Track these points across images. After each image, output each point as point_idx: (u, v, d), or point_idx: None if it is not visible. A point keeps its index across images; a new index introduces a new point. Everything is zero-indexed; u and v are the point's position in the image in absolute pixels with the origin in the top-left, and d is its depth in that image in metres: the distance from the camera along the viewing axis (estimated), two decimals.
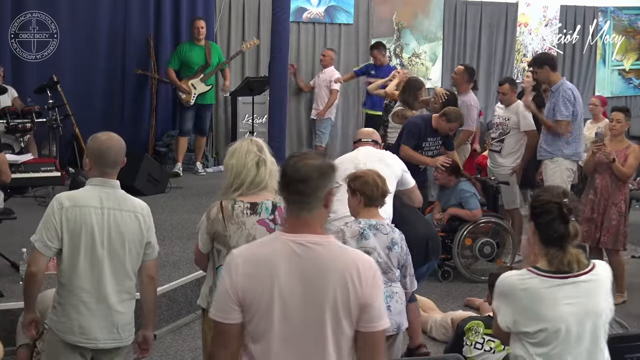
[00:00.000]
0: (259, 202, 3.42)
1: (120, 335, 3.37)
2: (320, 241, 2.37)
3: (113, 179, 3.38)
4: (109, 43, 9.38)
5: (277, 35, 7.46)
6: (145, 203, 3.50)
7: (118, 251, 3.31)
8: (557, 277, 2.68)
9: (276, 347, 2.33)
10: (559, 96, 6.42)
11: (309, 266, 2.33)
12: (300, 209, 2.37)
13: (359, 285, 2.32)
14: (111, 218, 3.31)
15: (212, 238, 3.45)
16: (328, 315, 2.32)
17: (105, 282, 3.29)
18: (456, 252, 6.64)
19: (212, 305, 2.43)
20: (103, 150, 3.33)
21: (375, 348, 2.37)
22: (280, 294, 2.32)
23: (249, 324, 2.36)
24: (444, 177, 6.74)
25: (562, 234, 2.66)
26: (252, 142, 3.50)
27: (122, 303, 3.37)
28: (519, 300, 2.69)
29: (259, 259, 2.36)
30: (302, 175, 2.34)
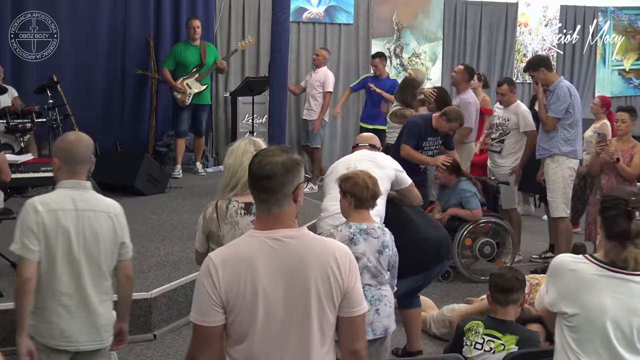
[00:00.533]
0: (253, 202, 3.42)
1: (100, 337, 3.36)
2: (294, 234, 2.41)
3: (83, 180, 3.36)
4: (109, 43, 9.39)
5: (277, 35, 7.45)
6: (118, 204, 3.47)
7: (94, 252, 3.29)
8: (608, 268, 2.73)
9: (261, 344, 2.37)
10: (554, 94, 6.45)
11: (287, 260, 2.37)
12: (271, 206, 2.40)
13: (339, 274, 2.39)
14: (85, 219, 3.28)
15: (208, 237, 3.47)
16: (312, 306, 2.37)
17: (85, 284, 3.27)
18: (456, 252, 6.63)
19: (192, 309, 2.41)
20: (72, 149, 3.31)
21: (357, 331, 2.46)
22: (262, 291, 2.35)
23: (232, 324, 2.38)
24: (444, 176, 6.74)
25: (623, 230, 2.72)
26: (250, 142, 3.51)
27: (102, 304, 3.34)
28: (566, 280, 2.77)
29: (237, 259, 2.37)
30: (267, 173, 2.37)
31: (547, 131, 6.47)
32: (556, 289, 2.81)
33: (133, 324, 5.11)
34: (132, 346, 5.04)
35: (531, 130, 7.06)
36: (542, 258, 7.24)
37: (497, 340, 4.12)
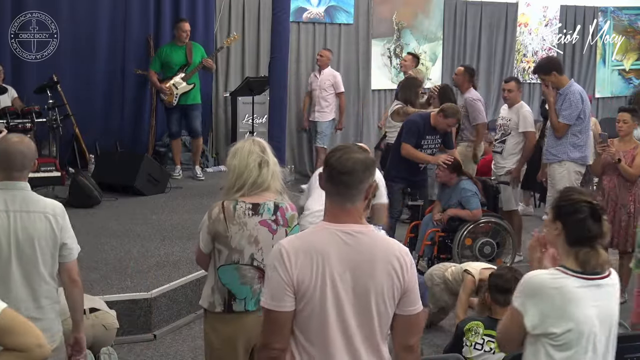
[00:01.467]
0: (260, 203, 3.41)
1: None
2: (364, 230, 2.51)
3: (21, 181, 3.25)
4: (108, 43, 9.38)
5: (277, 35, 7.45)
6: (60, 204, 3.35)
7: (28, 254, 3.19)
8: (585, 277, 2.63)
9: (329, 332, 2.45)
10: (565, 99, 6.40)
11: (356, 254, 2.47)
12: (345, 201, 2.49)
13: (401, 273, 2.51)
14: (17, 220, 3.18)
15: (213, 238, 3.43)
16: (373, 300, 2.47)
17: (16, 288, 3.17)
18: (456, 252, 6.63)
19: (264, 295, 2.49)
20: (12, 153, 3.21)
21: (413, 328, 2.59)
22: (332, 281, 2.44)
23: (302, 311, 2.45)
24: (445, 175, 6.74)
25: (595, 233, 2.62)
26: (255, 143, 3.48)
27: (39, 309, 3.21)
28: (550, 298, 2.61)
29: (310, 248, 2.46)
30: (348, 168, 2.46)
31: (558, 137, 6.44)
32: (539, 310, 2.63)
33: (133, 324, 5.13)
34: (132, 346, 5.04)
35: (530, 131, 7.05)
36: None
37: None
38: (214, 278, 3.47)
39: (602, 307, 2.66)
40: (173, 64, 8.97)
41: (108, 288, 5.31)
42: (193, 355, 5.00)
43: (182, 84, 8.96)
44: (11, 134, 3.45)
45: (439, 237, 6.71)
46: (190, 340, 5.22)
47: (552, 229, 2.71)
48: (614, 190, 6.15)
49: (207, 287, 3.51)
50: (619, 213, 6.12)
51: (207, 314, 3.52)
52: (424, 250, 6.72)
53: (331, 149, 2.58)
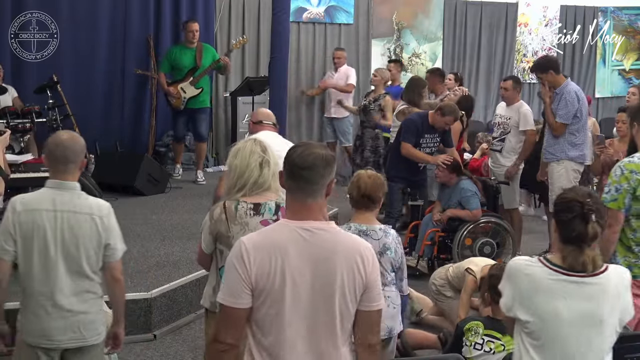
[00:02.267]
0: (262, 203, 3.41)
1: (83, 335, 3.34)
2: (324, 227, 2.51)
3: (70, 181, 3.34)
4: (109, 43, 9.38)
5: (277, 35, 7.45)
6: (107, 204, 3.43)
7: (73, 253, 3.28)
8: (562, 272, 2.68)
9: (288, 330, 2.45)
10: (561, 98, 6.41)
11: (316, 251, 2.47)
12: (306, 196, 2.50)
13: (363, 269, 2.50)
14: (64, 220, 3.27)
15: (215, 239, 3.43)
16: (336, 297, 2.47)
17: (60, 284, 3.28)
18: (456, 252, 6.63)
19: (221, 290, 2.49)
20: (57, 148, 3.31)
21: (374, 325, 2.57)
22: (291, 278, 2.44)
23: (260, 308, 2.46)
24: (444, 175, 6.74)
25: (580, 233, 2.65)
26: (256, 143, 3.48)
27: (83, 303, 3.34)
28: (520, 283, 2.72)
29: (268, 245, 2.46)
30: (309, 164, 2.47)
31: (555, 136, 6.44)
32: (511, 292, 2.75)
33: (133, 324, 5.13)
34: (132, 346, 5.04)
35: (530, 130, 7.05)
36: None
37: (497, 340, 4.12)
38: (215, 278, 3.47)
39: (579, 305, 2.66)
40: (182, 67, 8.89)
41: None
42: (193, 355, 5.00)
43: (190, 88, 8.87)
44: (62, 130, 3.53)
45: (439, 237, 6.72)
46: (190, 340, 5.22)
47: (553, 225, 2.80)
48: None
49: (209, 287, 3.51)
50: None
51: (208, 313, 3.52)
52: (424, 250, 6.72)
53: (292, 146, 2.60)
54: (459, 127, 7.58)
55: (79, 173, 3.40)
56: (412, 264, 6.62)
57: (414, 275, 6.58)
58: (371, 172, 4.16)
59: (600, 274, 2.69)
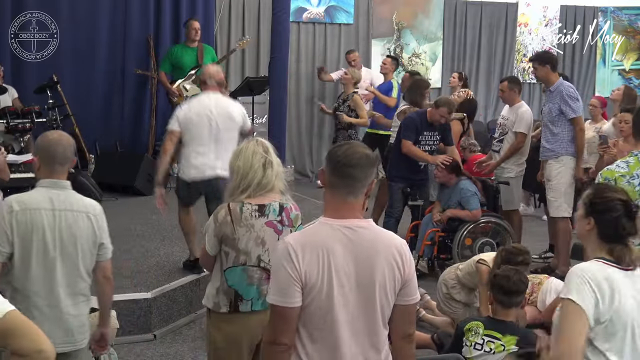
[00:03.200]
0: (266, 204, 3.40)
1: (74, 339, 3.31)
2: (365, 225, 2.56)
3: (63, 179, 3.32)
4: (109, 43, 9.38)
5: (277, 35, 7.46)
6: (98, 204, 3.43)
7: (70, 253, 3.26)
8: (623, 268, 2.69)
9: (336, 329, 2.50)
10: (562, 95, 6.42)
11: (359, 249, 2.52)
12: (349, 194, 2.54)
13: (402, 264, 2.57)
14: (62, 219, 3.25)
15: (220, 241, 3.42)
16: (377, 292, 2.53)
17: (58, 286, 3.24)
18: (456, 252, 6.63)
19: (271, 292, 2.51)
20: (51, 148, 3.28)
21: (411, 318, 2.66)
22: (337, 276, 2.49)
23: (308, 307, 2.49)
24: (444, 176, 6.74)
25: (629, 231, 2.70)
26: (258, 143, 3.47)
27: (76, 305, 3.31)
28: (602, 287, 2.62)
29: (315, 244, 2.50)
30: (355, 162, 2.52)
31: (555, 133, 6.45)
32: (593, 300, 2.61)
33: (133, 324, 5.13)
34: (132, 346, 5.04)
35: (521, 132, 7.01)
36: (542, 258, 7.24)
37: (497, 341, 4.11)
38: (219, 279, 3.46)
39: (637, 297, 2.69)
40: (184, 66, 8.92)
41: None
42: (193, 355, 5.00)
43: (192, 87, 8.86)
44: (50, 131, 3.47)
45: (439, 237, 6.72)
46: (190, 340, 5.22)
47: (583, 224, 2.78)
48: None
49: (212, 287, 3.50)
50: None
51: (210, 313, 3.51)
52: (424, 250, 6.72)
53: (335, 145, 2.63)
54: (459, 129, 7.57)
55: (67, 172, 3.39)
56: None
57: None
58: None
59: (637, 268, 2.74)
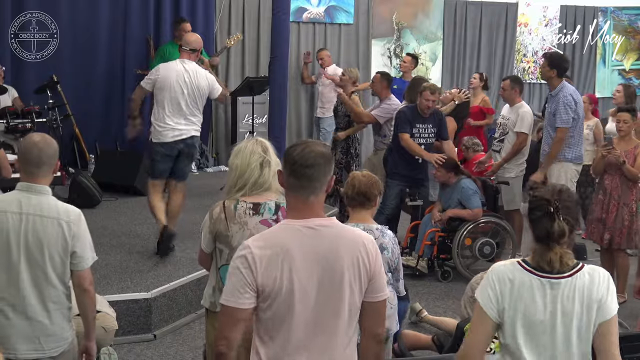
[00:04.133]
0: (261, 203, 3.41)
1: (42, 346, 3.19)
2: (326, 223, 2.54)
3: (41, 184, 3.22)
4: (109, 43, 9.38)
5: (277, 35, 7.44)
6: (78, 210, 3.28)
7: (37, 258, 3.15)
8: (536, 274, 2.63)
9: (297, 331, 2.47)
10: (559, 102, 6.42)
11: (321, 249, 2.49)
12: (309, 194, 2.52)
13: (368, 260, 2.54)
14: (29, 224, 3.15)
15: (215, 238, 3.43)
16: (345, 291, 2.50)
17: (24, 291, 3.14)
18: (456, 252, 6.63)
19: (224, 292, 2.49)
20: (29, 149, 3.21)
21: (380, 315, 2.61)
22: (298, 279, 2.46)
23: (267, 310, 2.47)
24: (442, 175, 6.75)
25: (547, 231, 2.62)
26: (257, 143, 3.48)
27: (46, 312, 3.19)
28: (504, 288, 2.65)
29: (274, 247, 2.47)
30: (311, 161, 2.50)
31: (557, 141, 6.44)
32: (495, 297, 2.65)
33: (133, 324, 5.13)
34: (132, 346, 5.04)
35: (522, 132, 7.01)
36: None
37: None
38: (215, 278, 3.47)
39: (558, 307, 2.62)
40: None
41: (108, 288, 5.31)
42: (193, 355, 5.00)
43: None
44: (34, 133, 3.40)
45: (439, 237, 6.72)
46: (190, 340, 5.22)
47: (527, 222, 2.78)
48: (616, 189, 6.15)
49: (209, 286, 3.51)
50: (621, 212, 6.12)
51: (208, 313, 3.52)
52: (424, 250, 6.72)
53: (290, 144, 2.61)
54: (454, 127, 7.55)
55: (51, 177, 3.29)
56: (412, 264, 6.63)
57: (414, 275, 6.59)
58: (366, 172, 4.24)
59: (573, 274, 2.64)
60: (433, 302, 6.15)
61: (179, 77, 5.96)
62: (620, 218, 6.13)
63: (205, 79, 6.10)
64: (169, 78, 5.96)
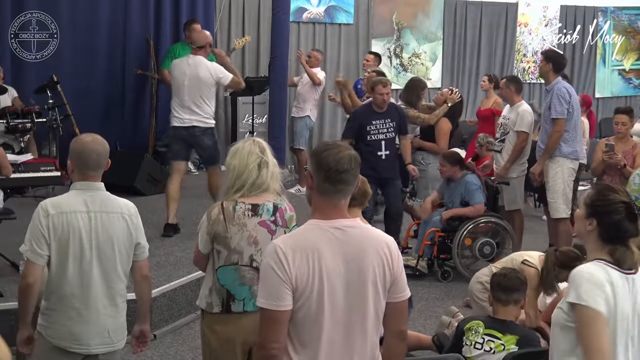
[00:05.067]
0: (260, 204, 3.41)
1: (111, 339, 3.34)
2: (353, 224, 2.59)
3: (97, 182, 3.33)
4: (109, 43, 9.37)
5: (277, 35, 7.45)
6: (132, 203, 3.44)
7: (108, 254, 3.27)
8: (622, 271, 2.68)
9: (326, 331, 2.49)
10: (553, 94, 6.45)
11: (349, 249, 2.53)
12: (342, 197, 2.57)
13: (391, 261, 2.58)
14: (98, 221, 3.26)
15: (213, 239, 3.42)
16: (370, 291, 2.54)
17: (95, 287, 3.26)
18: (456, 252, 6.63)
19: (261, 296, 2.49)
20: (86, 153, 3.30)
21: (403, 314, 2.67)
22: (328, 278, 2.49)
23: (299, 310, 2.48)
24: (448, 169, 6.78)
25: (631, 233, 2.71)
26: (255, 143, 3.47)
27: (114, 307, 3.33)
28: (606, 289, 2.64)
29: (304, 246, 2.49)
30: (346, 166, 2.53)
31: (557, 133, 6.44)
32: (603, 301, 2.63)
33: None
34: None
35: (522, 131, 7.02)
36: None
37: (497, 340, 4.12)
38: (212, 279, 3.46)
39: (636, 302, 2.69)
40: None
41: None
42: (193, 355, 5.00)
43: None
44: (84, 134, 3.49)
45: (439, 237, 6.72)
46: (190, 340, 5.22)
47: (584, 225, 2.77)
48: None
49: (205, 287, 3.50)
50: None
51: (204, 314, 3.51)
52: (424, 250, 6.72)
53: (319, 148, 2.61)
54: (448, 127, 7.53)
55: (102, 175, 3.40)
56: (412, 264, 6.63)
57: (414, 275, 6.59)
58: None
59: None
60: (433, 302, 6.15)
61: (181, 70, 6.65)
62: None
63: (206, 69, 6.55)
64: (174, 72, 6.76)
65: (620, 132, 6.27)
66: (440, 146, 7.34)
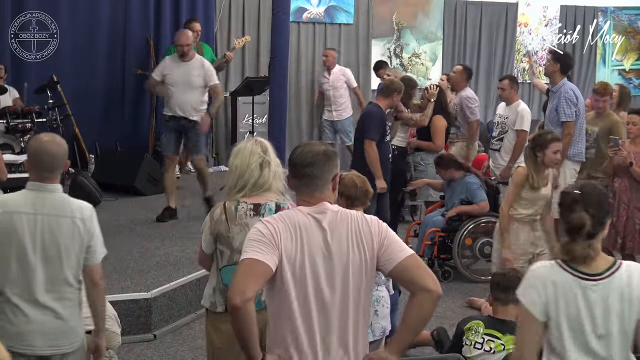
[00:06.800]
0: (262, 203, 3.40)
1: (58, 342, 3.24)
2: (333, 208, 2.66)
3: (51, 184, 3.23)
4: (109, 43, 9.38)
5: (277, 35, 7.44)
6: (90, 206, 3.35)
7: (53, 258, 3.18)
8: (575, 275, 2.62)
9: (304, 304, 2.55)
10: (560, 97, 6.43)
11: (329, 232, 2.60)
12: (313, 191, 2.64)
13: (368, 228, 2.62)
14: (45, 224, 3.17)
15: (215, 239, 3.42)
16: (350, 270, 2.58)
17: (39, 289, 3.17)
18: (456, 252, 6.63)
19: (244, 253, 2.55)
20: (40, 154, 3.20)
21: (419, 268, 2.63)
22: (309, 253, 2.57)
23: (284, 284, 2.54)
24: (444, 173, 6.80)
25: (569, 224, 2.62)
26: (257, 143, 3.47)
27: (62, 310, 3.22)
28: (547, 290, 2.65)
29: (289, 224, 2.58)
30: (309, 160, 2.62)
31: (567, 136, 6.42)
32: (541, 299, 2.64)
33: (133, 324, 5.13)
34: (132, 346, 5.04)
35: (522, 130, 7.02)
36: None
37: (497, 340, 4.11)
38: (216, 279, 3.46)
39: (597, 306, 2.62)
40: None
41: (108, 288, 5.24)
42: (193, 355, 5.00)
43: None
44: (43, 133, 3.39)
45: (439, 237, 6.71)
46: (190, 340, 5.22)
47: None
48: (625, 192, 6.09)
49: (209, 287, 3.51)
50: (632, 216, 6.06)
51: (208, 313, 3.52)
52: (425, 250, 6.72)
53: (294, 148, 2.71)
54: (443, 124, 7.49)
55: (60, 175, 3.32)
56: None
57: None
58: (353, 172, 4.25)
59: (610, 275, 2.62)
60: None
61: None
62: (631, 222, 6.06)
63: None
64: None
65: (632, 132, 6.22)
66: (436, 144, 7.32)
